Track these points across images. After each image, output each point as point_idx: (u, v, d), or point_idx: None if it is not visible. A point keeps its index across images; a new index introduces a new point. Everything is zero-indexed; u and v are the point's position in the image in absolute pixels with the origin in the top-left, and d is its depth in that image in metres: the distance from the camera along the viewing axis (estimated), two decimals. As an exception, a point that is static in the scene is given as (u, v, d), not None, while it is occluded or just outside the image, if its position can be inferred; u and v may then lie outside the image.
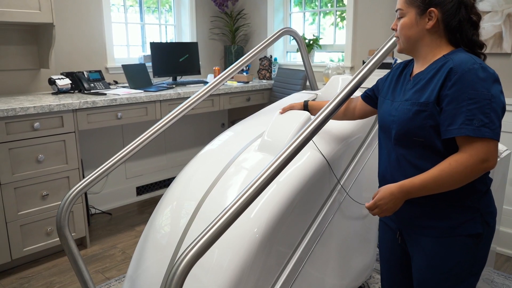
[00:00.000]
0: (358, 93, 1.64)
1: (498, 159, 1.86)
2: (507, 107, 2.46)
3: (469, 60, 1.12)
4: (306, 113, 1.66)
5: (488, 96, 1.09)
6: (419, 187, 1.15)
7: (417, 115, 1.18)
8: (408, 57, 1.34)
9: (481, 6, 2.53)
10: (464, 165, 1.11)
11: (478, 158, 1.10)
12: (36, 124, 2.35)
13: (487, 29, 2.53)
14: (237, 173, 1.56)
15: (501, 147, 1.91)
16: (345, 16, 3.47)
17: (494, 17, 2.50)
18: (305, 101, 1.75)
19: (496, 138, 1.10)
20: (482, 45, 1.23)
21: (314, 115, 1.53)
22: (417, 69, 1.28)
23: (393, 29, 1.29)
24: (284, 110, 1.74)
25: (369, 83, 1.65)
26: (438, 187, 1.14)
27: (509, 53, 2.48)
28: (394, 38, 1.32)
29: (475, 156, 1.10)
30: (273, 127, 1.67)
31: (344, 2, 3.61)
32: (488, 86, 1.10)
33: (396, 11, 1.26)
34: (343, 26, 3.66)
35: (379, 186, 1.36)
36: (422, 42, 1.23)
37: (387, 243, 1.45)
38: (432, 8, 1.18)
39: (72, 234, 1.51)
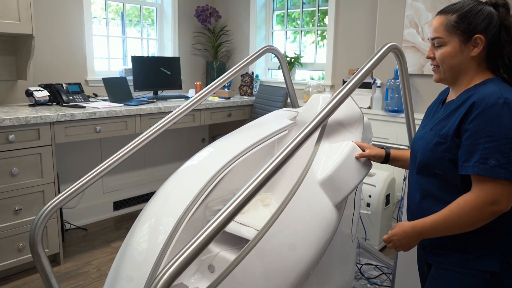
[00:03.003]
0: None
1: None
2: None
3: (494, 94, 1.07)
4: (350, 143, 1.56)
5: (508, 135, 1.03)
6: (430, 228, 1.13)
7: (437, 146, 1.16)
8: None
9: None
10: (471, 206, 1.07)
11: (486, 199, 1.05)
12: (11, 137, 2.29)
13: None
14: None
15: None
16: (326, 35, 3.54)
17: None
18: (386, 149, 1.56)
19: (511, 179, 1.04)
20: None
21: (394, 165, 1.54)
22: (451, 96, 1.25)
23: (429, 58, 1.24)
24: (362, 156, 1.52)
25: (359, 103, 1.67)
26: (448, 229, 1.11)
27: (482, 76, 2.57)
28: (431, 67, 1.26)
29: (482, 197, 1.06)
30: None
31: (325, 22, 3.69)
32: (509, 124, 1.04)
33: (433, 39, 1.21)
34: (323, 45, 3.73)
35: (407, 214, 1.35)
36: (465, 71, 1.18)
37: (420, 273, 1.42)
38: (478, 35, 1.14)
39: (45, 251, 1.47)
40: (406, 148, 2.19)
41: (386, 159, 1.53)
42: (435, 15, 1.22)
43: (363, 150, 1.53)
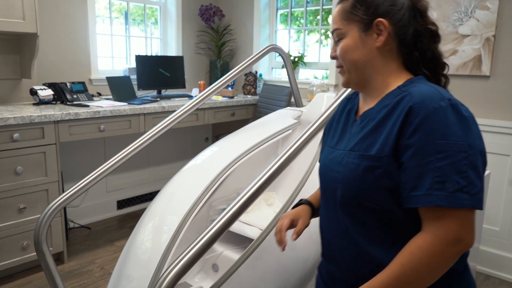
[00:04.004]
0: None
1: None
2: (488, 128, 2.53)
3: (434, 95, 0.82)
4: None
5: (463, 146, 0.78)
6: None
7: (368, 172, 0.86)
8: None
9: (461, 30, 2.61)
10: (429, 252, 0.79)
11: (447, 239, 0.79)
12: (16, 135, 2.30)
13: (466, 51, 2.60)
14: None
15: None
16: (329, 34, 3.53)
17: (473, 40, 2.58)
18: (306, 203, 1.14)
19: (478, 206, 0.79)
20: (444, 65, 0.95)
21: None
22: (365, 105, 0.97)
23: (333, 58, 0.99)
24: (299, 234, 1.06)
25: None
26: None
27: (488, 76, 2.56)
28: (337, 70, 1.00)
29: (442, 237, 0.79)
30: None
31: (328, 21, 3.68)
32: (462, 133, 0.79)
33: (333, 33, 0.97)
34: (327, 44, 3.72)
35: (323, 264, 1.03)
36: (373, 67, 0.93)
37: None
38: (379, 19, 0.90)
39: (49, 249, 1.47)
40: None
41: (313, 212, 1.12)
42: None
43: (294, 226, 1.07)
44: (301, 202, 1.14)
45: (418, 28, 0.91)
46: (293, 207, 1.14)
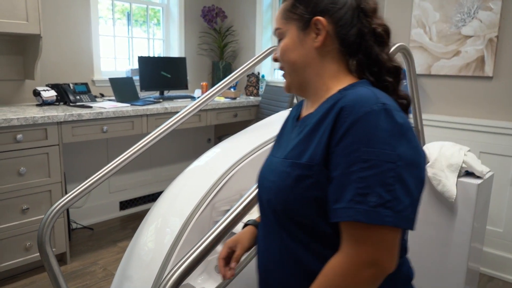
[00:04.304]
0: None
1: (481, 181, 1.88)
2: (491, 129, 2.52)
3: (368, 98, 0.73)
4: None
5: (392, 156, 0.69)
6: None
7: (298, 182, 0.78)
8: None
9: (463, 31, 2.61)
10: (341, 274, 0.71)
11: (360, 261, 0.70)
12: (19, 136, 2.30)
13: (469, 52, 2.60)
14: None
15: (483, 168, 1.94)
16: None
17: (476, 41, 2.57)
18: (252, 223, 1.07)
19: (403, 224, 0.70)
20: (395, 69, 0.85)
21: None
22: (307, 110, 0.90)
23: (275, 60, 0.92)
24: (238, 259, 1.01)
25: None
26: None
27: (491, 77, 2.55)
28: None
29: (355, 258, 0.70)
30: None
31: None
32: (393, 141, 0.70)
33: (275, 34, 0.91)
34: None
35: (259, 285, 0.94)
36: (313, 69, 0.85)
37: None
38: (317, 17, 0.82)
39: (53, 250, 1.48)
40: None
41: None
42: None
43: (234, 251, 1.02)
44: (247, 223, 1.07)
45: (362, 29, 0.83)
46: (243, 227, 1.08)
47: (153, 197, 3.75)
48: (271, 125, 2.06)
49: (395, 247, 0.71)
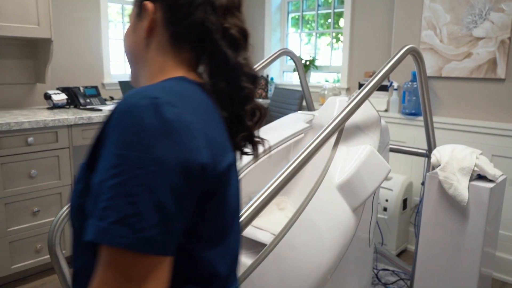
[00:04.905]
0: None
1: (493, 185, 1.85)
2: (504, 132, 2.48)
3: (138, 93, 0.59)
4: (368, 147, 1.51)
5: (143, 161, 0.54)
6: None
7: (75, 188, 0.70)
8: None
9: (475, 33, 2.58)
10: None
11: None
12: (30, 139, 2.33)
13: (481, 54, 2.57)
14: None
15: (496, 171, 1.90)
16: (341, 38, 3.52)
17: (488, 43, 2.54)
18: None
19: (140, 248, 0.53)
20: (252, 77, 0.73)
21: None
22: None
23: None
24: None
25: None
26: None
27: (503, 79, 2.52)
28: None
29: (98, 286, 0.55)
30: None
31: (339, 24, 3.66)
32: (150, 141, 0.55)
33: None
34: (338, 47, 3.71)
35: None
36: (141, 60, 0.75)
37: None
38: (145, 2, 0.72)
39: (63, 252, 1.48)
40: (425, 152, 2.15)
41: None
42: None
43: None
44: None
45: (208, 26, 0.70)
46: None
47: (162, 200, 3.76)
48: (280, 128, 2.05)
49: (148, 279, 0.54)
